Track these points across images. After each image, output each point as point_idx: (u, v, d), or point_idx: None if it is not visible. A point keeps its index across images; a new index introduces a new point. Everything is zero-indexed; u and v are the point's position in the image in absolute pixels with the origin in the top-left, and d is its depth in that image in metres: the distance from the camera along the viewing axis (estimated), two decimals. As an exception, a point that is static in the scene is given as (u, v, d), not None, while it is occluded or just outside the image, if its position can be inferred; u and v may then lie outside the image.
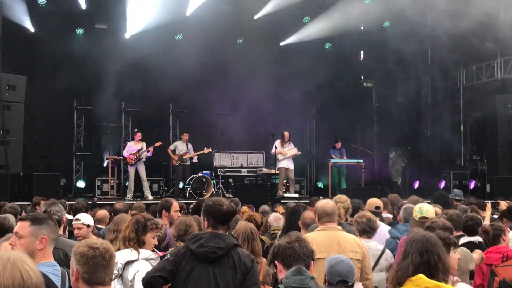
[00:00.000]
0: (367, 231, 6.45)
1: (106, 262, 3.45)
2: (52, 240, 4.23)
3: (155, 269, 4.61)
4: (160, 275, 4.50)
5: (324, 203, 5.81)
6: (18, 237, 4.09)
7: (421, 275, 3.72)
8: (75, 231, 7.03)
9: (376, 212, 8.04)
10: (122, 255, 5.17)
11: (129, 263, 5.11)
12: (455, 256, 4.79)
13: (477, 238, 6.77)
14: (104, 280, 3.46)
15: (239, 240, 5.44)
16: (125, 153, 17.62)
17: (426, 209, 6.69)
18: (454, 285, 4.10)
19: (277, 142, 18.20)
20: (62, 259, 5.43)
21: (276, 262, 4.13)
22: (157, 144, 17.91)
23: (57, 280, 4.03)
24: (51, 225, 4.20)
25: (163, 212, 7.59)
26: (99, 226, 8.70)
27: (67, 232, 6.82)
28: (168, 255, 4.70)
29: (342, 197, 7.62)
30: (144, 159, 17.62)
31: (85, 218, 7.11)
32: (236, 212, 4.94)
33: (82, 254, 3.40)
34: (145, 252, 5.23)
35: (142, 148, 17.50)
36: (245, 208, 9.85)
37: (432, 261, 3.82)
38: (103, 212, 9.26)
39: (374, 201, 8.44)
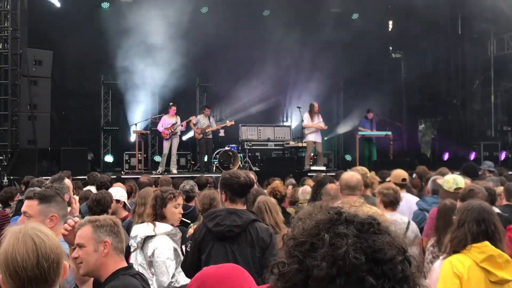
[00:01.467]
0: (394, 203, 6.27)
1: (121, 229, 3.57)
2: (62, 217, 4.23)
3: (191, 264, 4.66)
4: (195, 268, 4.48)
5: (349, 176, 5.72)
6: (27, 217, 4.07)
7: (487, 243, 3.78)
8: None
9: (402, 184, 7.86)
10: (141, 229, 5.17)
11: (148, 238, 5.09)
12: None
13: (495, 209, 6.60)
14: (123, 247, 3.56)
15: (260, 213, 5.41)
16: (160, 127, 17.54)
17: (460, 180, 6.58)
18: None
19: (306, 114, 17.99)
20: None
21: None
22: (191, 118, 17.93)
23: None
24: (59, 202, 4.19)
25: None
26: None
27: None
28: (190, 243, 4.74)
29: (362, 168, 7.52)
30: (179, 133, 17.61)
31: (113, 193, 6.96)
32: (253, 184, 4.87)
33: (111, 225, 3.46)
34: (164, 227, 5.16)
35: (176, 122, 17.43)
36: (277, 182, 9.60)
37: (489, 230, 3.84)
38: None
39: (400, 173, 8.15)
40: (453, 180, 6.64)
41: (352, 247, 1.35)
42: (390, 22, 24.14)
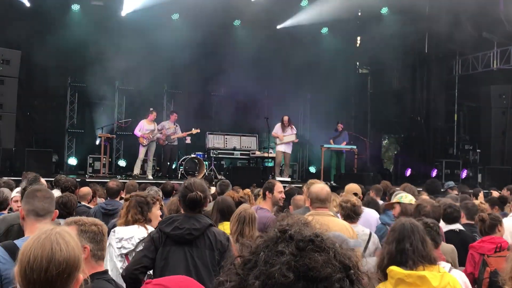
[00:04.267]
0: (351, 216, 6.34)
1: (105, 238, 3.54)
2: None
3: (135, 261, 4.61)
4: (143, 265, 4.52)
5: (319, 188, 5.74)
6: None
7: (392, 267, 3.72)
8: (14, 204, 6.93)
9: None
10: (135, 231, 5.30)
11: (142, 240, 5.17)
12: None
13: (458, 226, 6.73)
14: (104, 255, 3.55)
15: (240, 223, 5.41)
16: (137, 132, 17.39)
17: (406, 196, 6.75)
18: (449, 272, 4.04)
19: (278, 126, 18.06)
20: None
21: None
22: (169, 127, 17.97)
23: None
24: None
25: (267, 193, 7.20)
26: (83, 202, 8.66)
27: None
28: (143, 244, 4.76)
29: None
30: (155, 140, 17.59)
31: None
32: (204, 203, 4.85)
33: (96, 232, 3.44)
34: (152, 229, 5.23)
35: (154, 129, 17.37)
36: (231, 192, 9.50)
37: (405, 248, 3.80)
38: (86, 189, 9.20)
39: (352, 187, 8.17)
40: (412, 197, 6.83)
41: (286, 265, 1.35)
42: (358, 38, 24.40)
